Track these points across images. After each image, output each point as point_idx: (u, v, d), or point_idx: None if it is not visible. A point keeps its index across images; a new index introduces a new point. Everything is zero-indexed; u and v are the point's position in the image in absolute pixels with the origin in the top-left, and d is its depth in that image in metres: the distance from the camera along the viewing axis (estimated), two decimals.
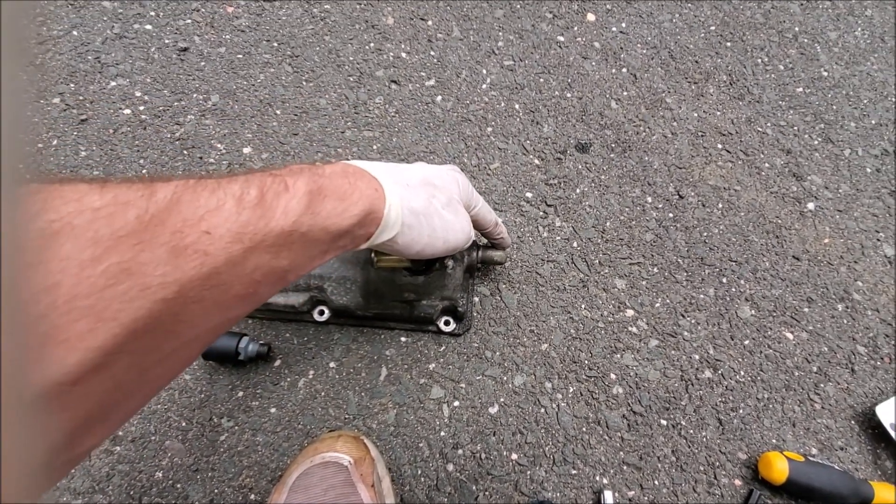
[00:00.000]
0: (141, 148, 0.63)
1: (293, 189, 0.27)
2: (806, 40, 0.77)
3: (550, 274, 0.60)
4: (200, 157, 0.63)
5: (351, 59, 0.71)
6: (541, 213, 0.63)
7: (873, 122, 0.72)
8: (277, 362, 0.55)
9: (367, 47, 0.71)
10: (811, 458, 0.51)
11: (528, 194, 0.64)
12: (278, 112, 0.67)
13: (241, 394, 0.53)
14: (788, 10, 0.79)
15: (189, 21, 0.71)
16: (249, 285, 0.25)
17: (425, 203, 0.38)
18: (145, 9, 0.71)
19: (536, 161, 0.66)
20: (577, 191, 0.65)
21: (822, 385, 0.57)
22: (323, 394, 0.53)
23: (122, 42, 0.69)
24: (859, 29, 0.79)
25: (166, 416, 0.52)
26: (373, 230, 0.33)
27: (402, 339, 0.56)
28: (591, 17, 0.76)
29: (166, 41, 0.69)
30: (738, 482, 0.53)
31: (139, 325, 0.20)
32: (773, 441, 0.54)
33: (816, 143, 0.70)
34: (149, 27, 0.70)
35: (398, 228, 0.35)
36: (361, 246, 0.34)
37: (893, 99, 0.74)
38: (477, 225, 0.48)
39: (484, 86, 0.70)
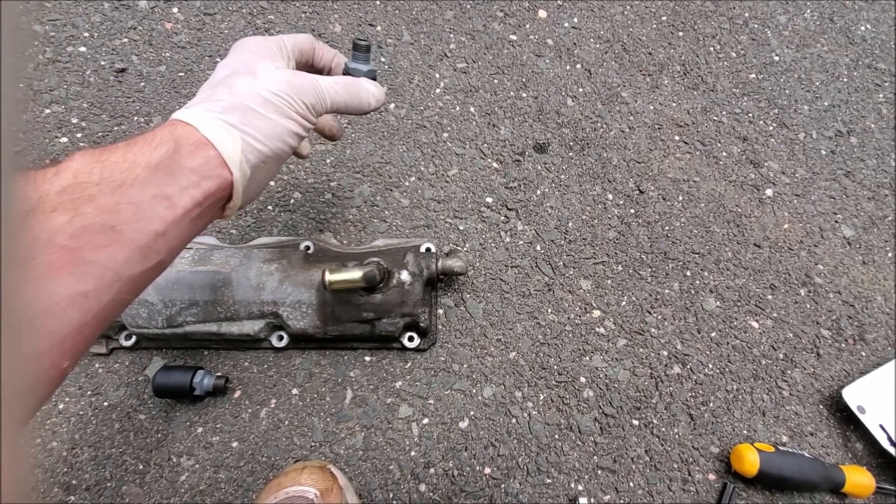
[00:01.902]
0: None
1: (62, 163, 0.26)
2: (756, 25, 0.77)
3: (515, 280, 0.59)
4: None
5: None
6: (502, 218, 0.62)
7: (826, 103, 0.73)
8: (237, 393, 0.53)
9: None
10: (781, 448, 0.51)
11: (489, 199, 0.63)
12: None
13: (200, 430, 0.51)
14: None
15: (126, 40, 0.68)
16: (59, 253, 0.24)
17: (227, 94, 0.33)
18: (79, 30, 0.67)
19: (495, 164, 0.65)
20: (538, 192, 0.64)
21: (789, 372, 0.57)
22: (287, 423, 0.52)
23: (56, 66, 0.65)
24: (808, 11, 0.80)
25: (122, 460, 0.50)
26: (216, 154, 0.31)
27: (367, 358, 0.55)
28: (542, 13, 0.75)
29: (102, 63, 0.66)
30: (712, 477, 0.53)
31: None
32: (745, 432, 0.54)
33: (771, 128, 0.70)
34: (83, 49, 0.67)
35: (237, 133, 0.32)
36: (235, 169, 0.32)
37: (845, 80, 0.75)
38: (304, 57, 0.41)
39: (437, 90, 0.69)
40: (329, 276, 0.46)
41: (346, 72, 0.43)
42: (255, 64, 0.35)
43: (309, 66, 0.43)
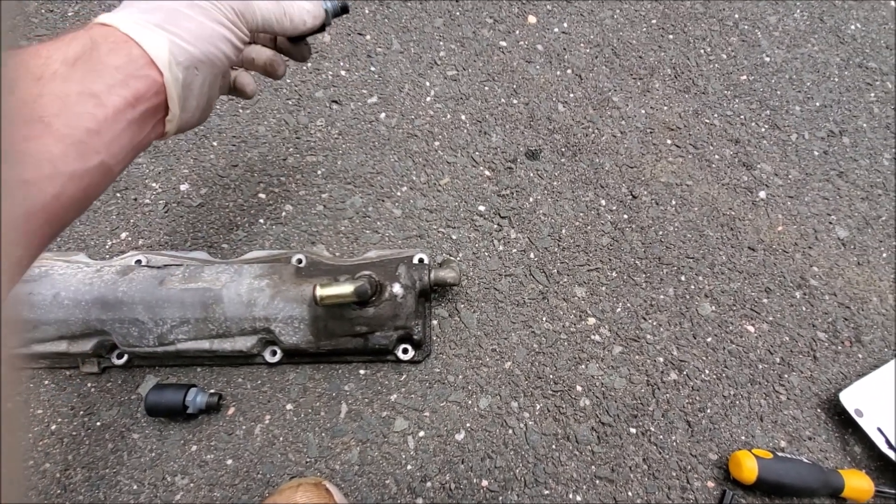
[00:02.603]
0: None
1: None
2: (746, 27, 0.77)
3: (509, 288, 0.59)
4: (135, 199, 0.60)
5: (288, 81, 0.68)
6: (495, 227, 0.62)
7: (818, 104, 0.73)
8: (231, 410, 0.52)
9: (303, 68, 0.69)
10: (780, 454, 0.51)
11: (481, 207, 0.63)
12: (215, 143, 0.64)
13: (194, 448, 0.51)
14: None
15: None
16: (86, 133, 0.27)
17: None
18: None
19: (487, 172, 0.65)
20: (531, 200, 0.63)
21: (785, 376, 0.57)
22: (281, 439, 0.51)
23: None
24: (798, 10, 0.80)
25: (115, 481, 0.49)
26: (136, 51, 0.30)
27: (361, 371, 0.54)
28: (532, 19, 0.75)
29: None
30: (710, 484, 0.52)
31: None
32: (743, 438, 0.54)
33: (763, 130, 0.70)
34: None
35: (162, 32, 0.31)
36: (165, 71, 0.31)
37: (836, 79, 0.75)
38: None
39: (428, 98, 0.68)
40: (320, 292, 0.45)
41: None
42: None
43: None
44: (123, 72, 0.29)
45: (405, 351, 0.53)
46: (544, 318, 0.58)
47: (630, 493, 0.51)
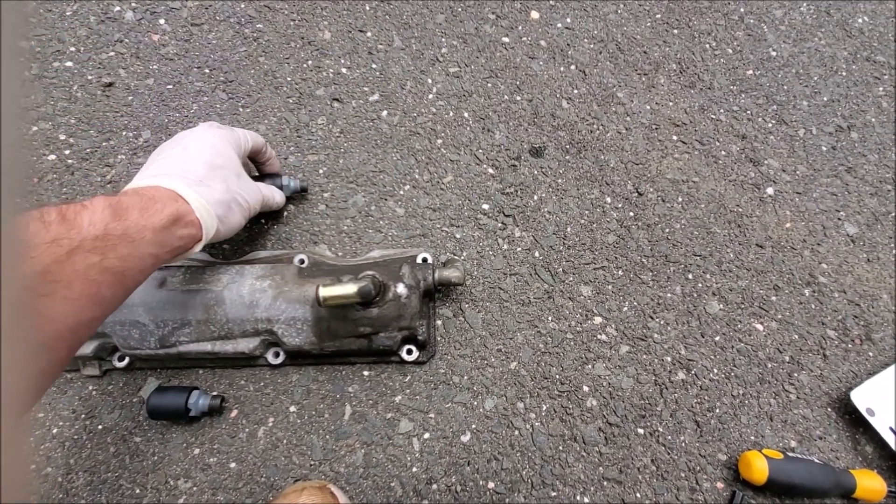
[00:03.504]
0: (70, 195, 0.59)
1: (91, 206, 0.33)
2: (752, 21, 0.76)
3: (514, 288, 0.58)
4: None
5: (289, 79, 0.67)
6: (499, 225, 0.61)
7: (825, 98, 0.72)
8: (234, 413, 0.51)
9: (304, 65, 0.68)
10: (790, 454, 0.50)
11: (485, 206, 0.62)
12: None
13: (196, 451, 0.50)
14: None
15: (112, 54, 0.67)
16: (90, 285, 0.31)
17: (224, 190, 0.43)
18: (64, 45, 0.66)
19: (491, 170, 0.64)
20: (535, 198, 0.63)
21: (795, 374, 0.56)
22: (285, 441, 0.51)
23: (42, 83, 0.64)
24: (805, 4, 0.79)
25: (118, 485, 0.49)
26: (197, 232, 0.40)
27: (365, 372, 0.54)
28: (535, 14, 0.74)
29: (89, 77, 0.65)
30: (720, 485, 0.52)
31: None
32: (752, 438, 0.53)
33: (770, 125, 0.69)
34: (69, 64, 0.66)
35: (217, 222, 0.42)
36: (198, 246, 0.41)
37: (844, 73, 0.74)
38: (253, 156, 0.54)
39: (430, 96, 0.68)
40: (323, 292, 0.45)
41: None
42: (237, 165, 0.47)
43: (253, 156, 0.55)
44: (181, 240, 0.39)
45: (409, 352, 0.53)
46: (550, 318, 0.57)
47: (638, 495, 0.51)
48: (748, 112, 0.69)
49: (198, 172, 0.42)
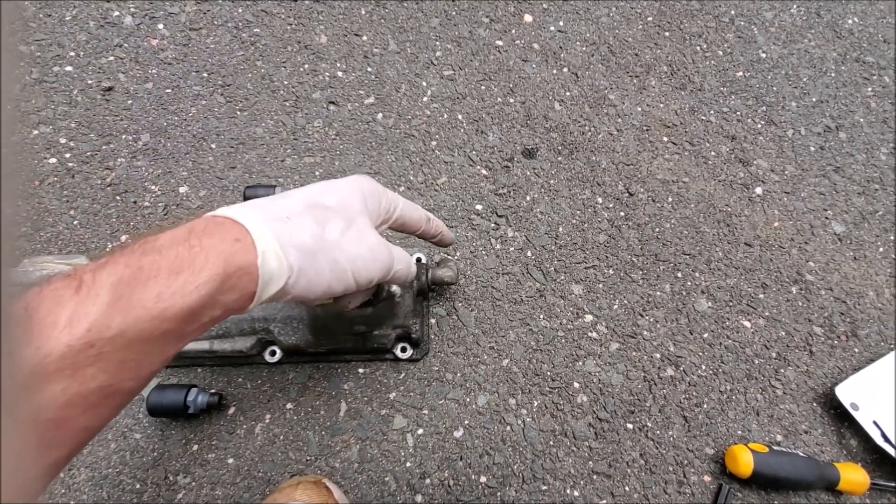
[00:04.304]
0: (70, 198, 0.60)
1: (90, 285, 0.22)
2: (742, 23, 0.77)
3: (506, 287, 0.59)
4: (134, 202, 0.61)
5: (285, 83, 0.68)
6: (492, 225, 0.62)
7: (814, 99, 0.73)
8: (231, 410, 0.53)
9: (301, 69, 0.69)
10: (775, 448, 0.51)
11: (478, 206, 0.63)
12: (213, 146, 0.64)
13: (195, 447, 0.51)
14: None
15: (112, 58, 0.68)
16: (42, 432, 0.20)
17: (316, 233, 0.30)
18: (64, 49, 0.68)
19: (484, 171, 0.65)
20: (528, 198, 0.64)
21: (782, 370, 0.57)
22: (282, 437, 0.52)
23: (42, 87, 0.65)
24: (795, 6, 0.80)
25: (118, 480, 0.50)
26: (251, 289, 0.27)
27: (360, 370, 0.55)
28: (528, 17, 0.75)
29: (89, 82, 0.66)
30: (707, 478, 0.53)
31: None
32: (739, 432, 0.55)
33: (760, 126, 0.70)
34: (69, 69, 0.67)
35: (287, 274, 0.28)
36: (249, 308, 0.28)
37: (833, 74, 0.75)
38: (404, 229, 0.41)
39: (425, 98, 0.69)
40: None
41: None
42: (355, 214, 0.33)
43: (407, 232, 0.42)
44: (224, 310, 0.27)
45: (403, 349, 0.54)
46: (542, 316, 0.58)
47: (627, 488, 0.52)
48: (738, 113, 0.71)
49: (289, 208, 0.31)
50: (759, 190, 0.66)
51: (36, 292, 0.21)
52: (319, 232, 0.31)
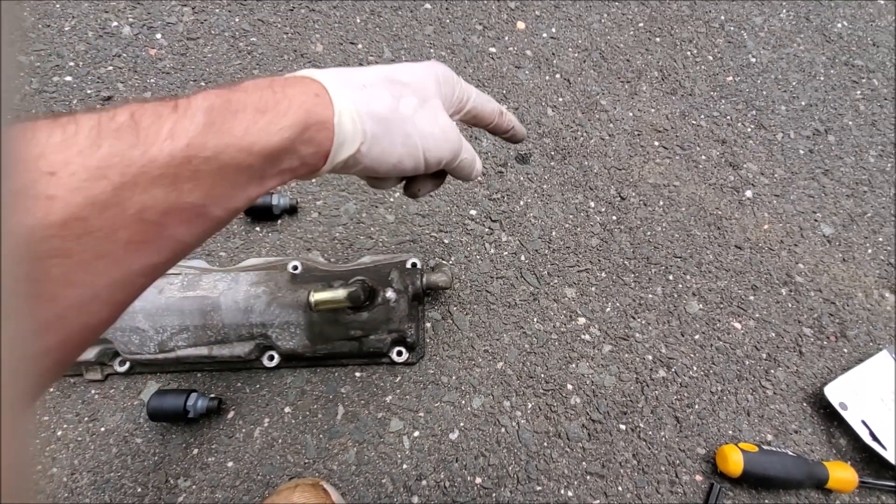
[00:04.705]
0: None
1: (186, 107, 0.23)
2: (732, 28, 0.78)
3: (501, 290, 0.60)
4: None
5: None
6: (486, 230, 0.63)
7: (803, 103, 0.74)
8: (231, 414, 0.54)
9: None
10: (765, 448, 0.52)
11: (472, 212, 0.64)
12: None
13: (195, 451, 0.52)
14: None
15: (111, 68, 0.69)
16: (144, 230, 0.22)
17: (390, 105, 0.31)
18: (63, 60, 0.69)
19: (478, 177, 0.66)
20: (521, 203, 0.65)
21: (772, 371, 0.58)
22: (280, 441, 0.53)
23: (42, 97, 0.66)
24: (784, 11, 0.81)
25: (120, 484, 0.51)
26: (326, 146, 0.28)
27: (357, 374, 0.56)
28: (521, 25, 0.76)
29: (88, 91, 0.67)
30: (699, 478, 0.54)
31: None
32: (730, 432, 0.55)
33: (749, 130, 0.71)
34: (69, 78, 0.68)
35: (360, 139, 0.29)
36: (322, 169, 0.29)
37: (822, 78, 0.76)
38: (477, 121, 0.39)
39: None
40: (314, 297, 0.47)
41: None
42: (429, 94, 0.33)
43: (480, 125, 0.41)
44: (302, 161, 0.28)
45: (399, 353, 0.55)
46: (535, 319, 0.59)
47: (620, 488, 0.53)
48: (728, 117, 0.72)
49: (365, 79, 0.31)
50: (749, 193, 0.67)
51: (139, 103, 0.22)
52: (394, 105, 0.31)
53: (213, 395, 0.53)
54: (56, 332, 0.20)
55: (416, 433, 0.54)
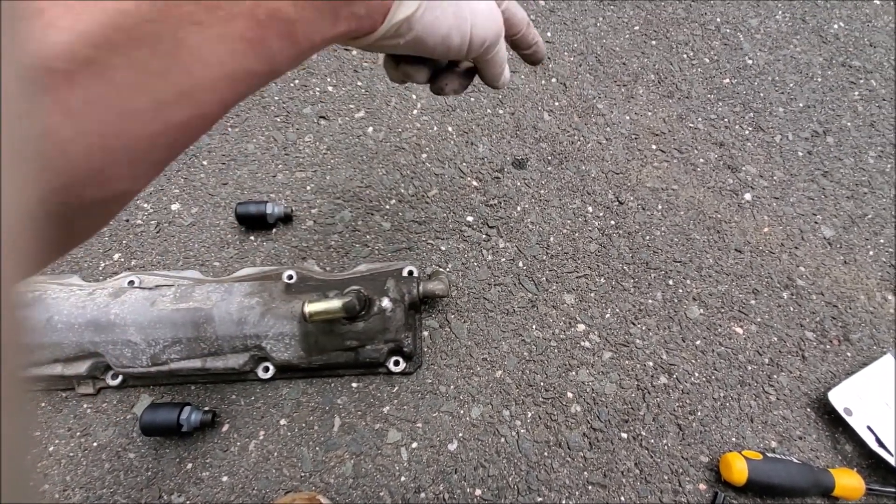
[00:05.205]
0: None
1: None
2: (728, 30, 0.78)
3: (498, 298, 0.60)
4: (127, 220, 0.61)
5: (276, 98, 0.69)
6: (483, 236, 0.62)
7: (801, 104, 0.73)
8: (225, 427, 0.53)
9: (291, 84, 0.70)
10: (769, 455, 0.51)
11: (469, 218, 0.63)
12: (205, 163, 0.65)
13: (189, 466, 0.51)
14: (709, 2, 0.80)
15: None
16: (254, 28, 0.22)
17: None
18: None
19: (475, 183, 0.65)
20: (518, 209, 0.64)
21: (775, 376, 0.57)
22: (276, 454, 0.52)
23: None
24: (780, 12, 0.81)
25: (113, 500, 0.50)
26: (387, 3, 0.28)
27: (354, 384, 0.55)
28: None
29: None
30: (702, 486, 0.53)
31: (127, 21, 0.18)
32: (733, 439, 0.55)
33: (747, 132, 0.70)
34: None
35: (418, 2, 0.29)
36: (380, 29, 0.29)
37: (819, 79, 0.76)
38: (509, 25, 0.38)
39: (415, 111, 0.69)
40: (308, 308, 0.46)
41: None
42: None
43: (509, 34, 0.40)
44: (368, 9, 0.28)
45: (396, 363, 0.54)
46: (534, 326, 0.58)
47: (622, 498, 0.52)
48: (725, 120, 0.71)
49: None
50: (748, 196, 0.66)
51: None
52: None
53: (206, 409, 0.52)
54: (185, 106, 0.21)
55: (415, 444, 0.53)
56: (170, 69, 0.20)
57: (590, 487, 0.52)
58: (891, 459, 0.51)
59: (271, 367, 0.53)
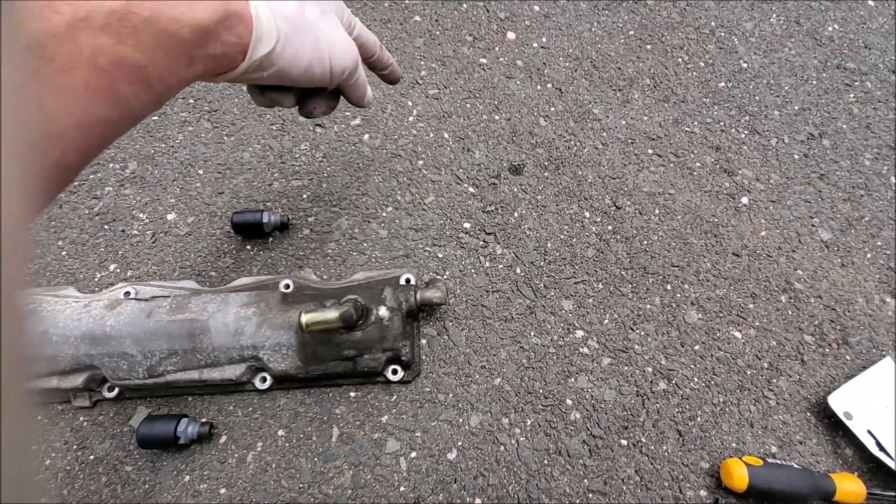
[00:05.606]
0: (58, 229, 0.60)
1: None
2: (723, 34, 0.78)
3: (496, 305, 0.59)
4: (123, 231, 0.61)
5: None
6: (481, 243, 0.62)
7: (796, 107, 0.73)
8: (223, 438, 0.52)
9: None
10: (770, 461, 0.51)
11: (466, 224, 0.63)
12: (201, 172, 0.65)
13: (187, 478, 0.51)
14: (703, 5, 0.80)
15: None
16: (98, 75, 0.24)
17: (297, 9, 0.33)
18: None
19: (471, 189, 0.65)
20: (515, 215, 0.64)
21: (774, 380, 0.57)
22: (274, 465, 0.52)
23: None
24: (774, 15, 0.81)
25: None
26: (246, 39, 0.30)
27: (352, 394, 0.55)
28: (511, 35, 0.76)
29: None
30: (703, 493, 0.52)
31: None
32: (734, 445, 0.54)
33: (743, 136, 0.70)
34: None
35: (276, 37, 0.31)
36: (241, 66, 0.31)
37: (814, 82, 0.76)
38: (362, 49, 0.43)
39: (411, 118, 0.69)
40: (305, 319, 0.46)
41: None
42: (334, 8, 0.38)
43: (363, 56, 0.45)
44: (225, 49, 0.30)
45: (394, 372, 0.54)
46: (532, 333, 0.58)
47: None
48: (721, 123, 0.71)
49: None
50: (745, 199, 0.66)
51: None
52: (300, 9, 0.34)
53: (204, 420, 0.51)
54: (36, 158, 0.22)
55: (413, 454, 0.53)
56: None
57: (590, 495, 0.52)
58: (891, 463, 0.51)
59: (268, 378, 0.53)
